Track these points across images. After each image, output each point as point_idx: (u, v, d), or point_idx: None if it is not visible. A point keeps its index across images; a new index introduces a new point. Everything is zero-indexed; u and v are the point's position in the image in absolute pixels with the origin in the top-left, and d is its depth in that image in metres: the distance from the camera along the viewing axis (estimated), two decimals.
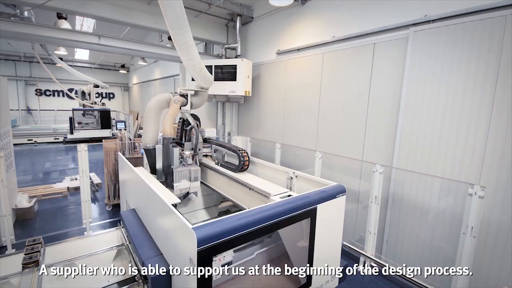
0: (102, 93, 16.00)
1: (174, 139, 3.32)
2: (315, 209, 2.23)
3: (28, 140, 9.85)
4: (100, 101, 10.20)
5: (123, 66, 14.86)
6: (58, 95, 14.81)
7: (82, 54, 13.12)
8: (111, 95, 17.30)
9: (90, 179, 6.50)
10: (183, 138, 3.68)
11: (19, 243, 3.66)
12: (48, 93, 14.46)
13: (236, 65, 4.94)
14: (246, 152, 3.32)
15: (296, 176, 2.95)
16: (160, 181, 3.36)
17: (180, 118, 3.70)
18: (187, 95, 3.52)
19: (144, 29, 5.10)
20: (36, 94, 12.24)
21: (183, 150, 3.31)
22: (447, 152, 2.96)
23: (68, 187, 6.11)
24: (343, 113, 4.00)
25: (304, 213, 2.15)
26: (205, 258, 1.62)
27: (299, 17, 4.68)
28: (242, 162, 3.22)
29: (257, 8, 5.56)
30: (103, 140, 5.33)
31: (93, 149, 9.18)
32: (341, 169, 4.04)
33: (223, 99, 5.85)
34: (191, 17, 5.43)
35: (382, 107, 3.55)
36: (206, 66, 5.04)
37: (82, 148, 4.03)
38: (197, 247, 1.56)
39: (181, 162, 3.25)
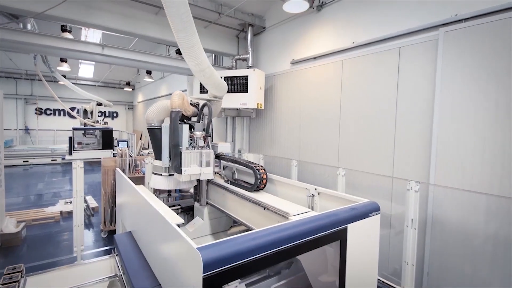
0: (105, 112, 16.36)
1: (183, 115, 3.11)
2: (345, 229, 1.98)
3: (23, 161, 9.92)
4: (103, 120, 10.31)
5: (128, 84, 15.24)
6: (59, 114, 15.22)
7: (86, 72, 13.55)
8: (115, 114, 17.65)
9: (86, 202, 6.36)
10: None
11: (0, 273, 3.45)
12: (48, 112, 14.86)
13: (247, 76, 4.88)
14: (264, 169, 3.10)
15: (318, 194, 2.72)
16: (165, 167, 3.18)
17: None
18: (198, 105, 3.38)
19: (151, 40, 5.17)
20: (36, 113, 12.54)
21: (193, 132, 3.11)
22: (494, 163, 2.69)
23: (61, 211, 5.98)
24: (368, 124, 3.81)
25: (332, 234, 1.90)
26: (212, 286, 1.38)
27: (315, 24, 4.65)
28: (259, 180, 2.99)
29: (269, 17, 5.61)
30: (102, 158, 5.24)
31: (92, 171, 9.15)
32: (368, 188, 3.77)
33: (233, 114, 5.76)
34: (200, 27, 5.50)
35: (412, 116, 3.36)
36: None
37: (78, 165, 3.91)
38: (203, 273, 1.33)
39: (191, 144, 3.03)
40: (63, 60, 8.52)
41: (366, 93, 3.85)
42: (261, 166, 3.15)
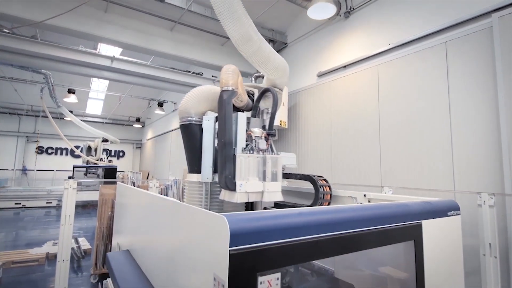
0: (110, 150, 16.44)
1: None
2: (420, 226, 1.57)
3: (15, 203, 9.75)
4: (107, 158, 10.24)
5: (138, 120, 15.52)
6: (61, 154, 15.43)
7: (94, 108, 13.99)
8: (121, 153, 17.71)
9: (78, 243, 5.98)
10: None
11: None
12: (50, 151, 15.10)
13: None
14: (325, 179, 2.50)
15: (369, 201, 2.32)
16: (207, 182, 2.30)
17: None
18: (253, 94, 2.73)
19: (164, 56, 5.25)
20: (36, 152, 12.73)
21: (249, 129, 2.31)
22: None
23: (47, 253, 5.56)
24: (415, 133, 3.51)
25: (403, 229, 1.50)
26: (242, 272, 1.00)
27: (342, 32, 4.64)
28: (322, 196, 2.36)
29: (291, 33, 5.71)
30: (101, 185, 4.98)
31: (88, 214, 8.81)
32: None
33: None
34: (217, 45, 5.62)
35: (471, 116, 3.07)
36: None
37: (70, 185, 3.67)
38: (230, 246, 0.98)
39: (248, 145, 2.21)
40: (70, 91, 8.83)
41: (408, 98, 3.61)
42: (321, 176, 2.56)
